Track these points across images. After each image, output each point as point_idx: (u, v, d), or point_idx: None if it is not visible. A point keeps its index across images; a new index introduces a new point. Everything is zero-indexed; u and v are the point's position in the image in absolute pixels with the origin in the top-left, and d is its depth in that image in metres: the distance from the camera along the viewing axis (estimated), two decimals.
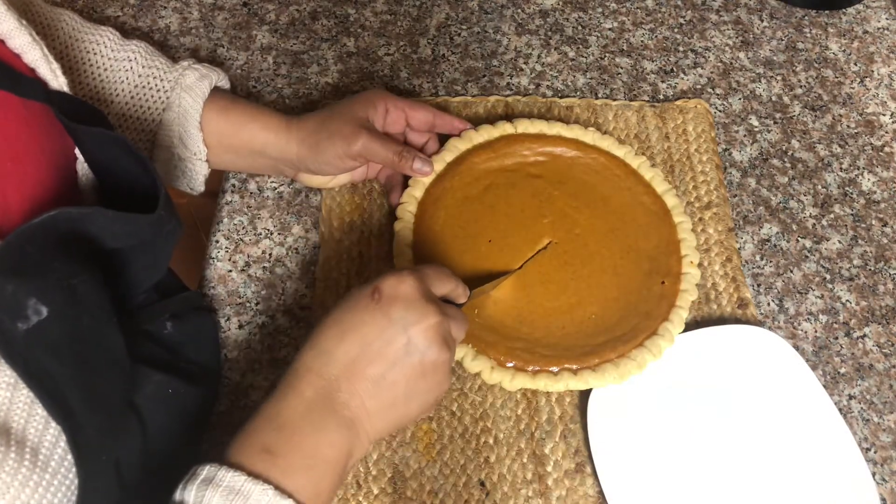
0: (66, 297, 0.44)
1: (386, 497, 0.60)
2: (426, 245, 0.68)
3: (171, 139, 0.67)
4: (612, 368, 0.63)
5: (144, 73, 0.67)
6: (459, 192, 0.71)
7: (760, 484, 0.62)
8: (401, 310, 0.51)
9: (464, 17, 0.87)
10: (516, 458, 0.63)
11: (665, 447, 0.63)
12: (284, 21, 0.85)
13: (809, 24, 0.88)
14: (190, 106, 0.67)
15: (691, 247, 0.69)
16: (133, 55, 0.68)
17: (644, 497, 0.60)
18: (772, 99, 0.83)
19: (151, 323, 0.58)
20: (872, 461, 0.64)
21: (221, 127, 0.68)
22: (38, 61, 0.51)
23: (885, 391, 0.67)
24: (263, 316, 0.68)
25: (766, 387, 0.65)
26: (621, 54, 0.85)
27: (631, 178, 0.72)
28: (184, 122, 0.67)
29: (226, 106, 0.69)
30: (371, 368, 0.50)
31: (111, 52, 0.67)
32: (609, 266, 0.68)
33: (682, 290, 0.67)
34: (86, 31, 0.67)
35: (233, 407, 0.63)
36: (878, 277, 0.73)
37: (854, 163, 0.79)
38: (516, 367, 0.63)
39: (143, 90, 0.67)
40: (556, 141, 0.74)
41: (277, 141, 0.68)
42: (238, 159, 0.71)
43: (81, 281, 0.46)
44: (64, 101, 0.52)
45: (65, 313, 0.44)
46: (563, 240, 0.69)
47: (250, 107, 0.70)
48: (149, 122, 0.67)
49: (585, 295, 0.66)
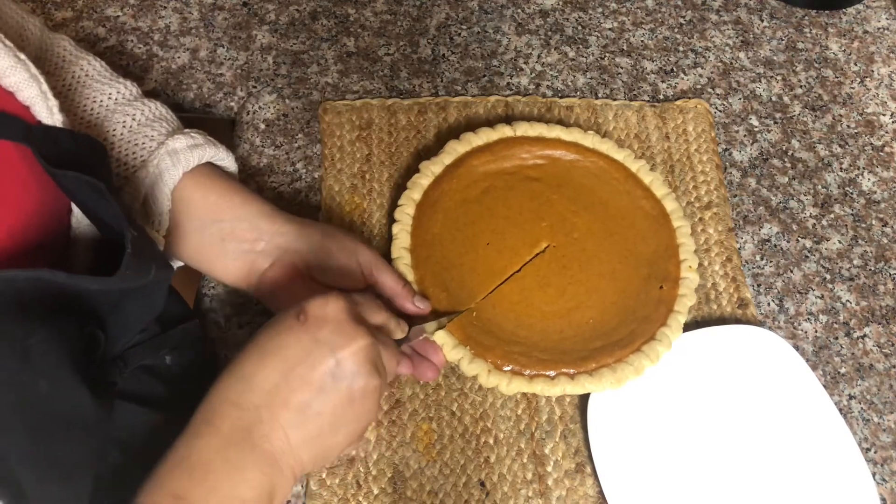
0: (19, 361, 0.41)
1: (386, 497, 0.60)
2: (424, 248, 0.68)
3: (134, 200, 0.59)
4: (610, 373, 0.62)
5: (138, 129, 0.60)
6: (457, 195, 0.70)
7: (760, 484, 0.62)
8: (328, 332, 0.47)
9: (464, 17, 0.87)
10: (516, 458, 0.63)
11: (665, 447, 0.63)
12: (284, 21, 0.85)
13: (809, 24, 0.88)
14: (165, 169, 0.59)
15: (690, 251, 0.68)
16: (135, 111, 0.61)
17: (644, 497, 0.60)
18: (772, 99, 0.83)
19: (150, 358, 0.56)
20: (872, 461, 0.64)
21: (205, 195, 0.60)
22: (34, 98, 0.49)
23: (885, 391, 0.67)
24: (263, 316, 0.68)
25: (766, 387, 0.65)
26: (621, 54, 0.85)
27: (630, 181, 0.72)
28: (153, 184, 0.59)
29: (215, 179, 0.61)
30: (295, 396, 0.46)
31: (115, 104, 0.61)
32: (607, 270, 0.67)
33: (681, 295, 0.66)
34: (100, 79, 0.62)
35: None
36: (878, 277, 0.73)
37: (854, 163, 0.79)
38: (513, 371, 0.62)
39: (127, 145, 0.59)
40: (555, 144, 0.73)
41: (274, 213, 0.62)
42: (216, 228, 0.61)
43: (39, 340, 0.42)
44: (49, 138, 0.48)
45: (17, 380, 0.41)
46: (561, 243, 0.69)
47: (244, 187, 0.63)
48: (119, 178, 0.59)
49: (583, 299, 0.66)
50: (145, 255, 0.48)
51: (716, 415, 0.64)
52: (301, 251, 0.60)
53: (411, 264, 0.67)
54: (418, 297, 0.64)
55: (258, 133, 0.77)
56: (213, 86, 0.80)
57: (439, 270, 0.67)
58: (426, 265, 0.67)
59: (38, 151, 0.47)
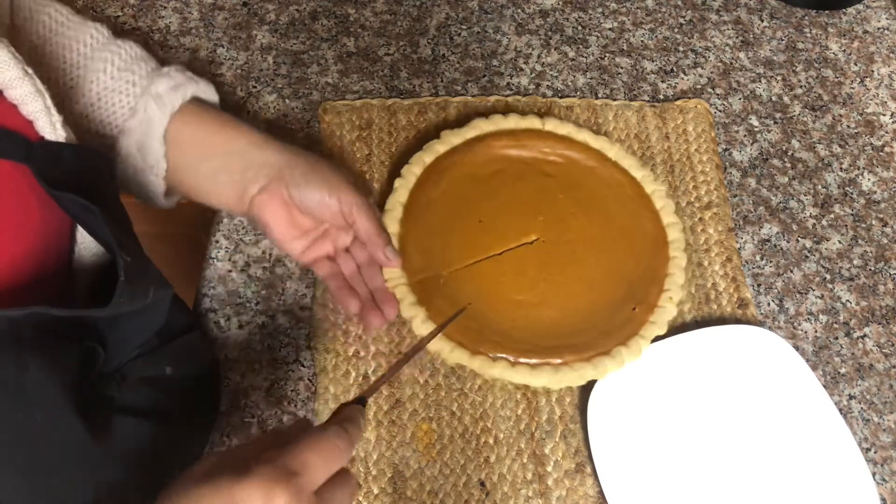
0: (13, 398, 0.41)
1: (386, 497, 0.60)
2: (418, 208, 0.69)
3: (130, 148, 0.61)
4: (551, 372, 0.62)
5: (119, 75, 0.61)
6: (467, 169, 0.72)
7: (760, 484, 0.62)
8: None
9: (464, 17, 0.87)
10: (516, 458, 0.63)
11: (665, 447, 0.63)
12: (284, 21, 0.85)
13: (809, 24, 0.88)
14: (154, 115, 0.60)
15: (677, 284, 0.67)
16: (112, 56, 0.62)
17: (644, 497, 0.60)
18: (772, 99, 0.83)
19: (151, 370, 0.56)
20: (872, 461, 0.64)
21: (195, 133, 0.62)
22: (38, 113, 0.48)
23: (885, 391, 0.67)
24: (263, 316, 0.68)
25: (766, 387, 0.65)
26: (621, 54, 0.85)
27: (641, 201, 0.71)
28: (145, 132, 0.61)
29: (202, 115, 0.63)
30: None
31: (91, 50, 0.62)
32: (586, 278, 0.67)
33: (651, 322, 0.65)
34: (70, 25, 0.62)
35: (233, 407, 0.63)
36: (878, 277, 0.73)
37: (854, 163, 0.79)
38: (460, 343, 0.63)
39: (112, 94, 0.61)
40: (578, 146, 0.73)
41: (263, 143, 0.63)
42: (208, 165, 0.63)
43: (34, 374, 0.42)
44: (50, 156, 0.48)
45: (12, 416, 0.41)
46: (550, 241, 0.69)
47: (232, 117, 0.64)
48: (111, 127, 0.61)
49: (550, 297, 0.66)
50: (142, 279, 0.48)
51: (716, 415, 0.64)
52: (285, 181, 0.62)
53: (400, 219, 0.68)
54: (390, 249, 0.65)
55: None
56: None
57: (425, 233, 0.68)
58: (414, 224, 0.68)
59: (39, 172, 0.47)
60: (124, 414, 0.52)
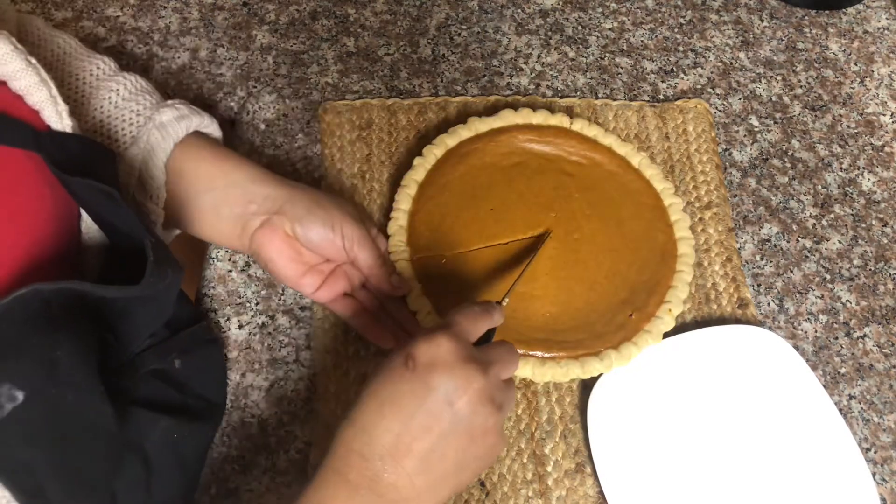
0: (47, 374, 0.42)
1: None
2: (433, 187, 0.70)
3: (128, 178, 0.59)
4: (538, 364, 0.63)
5: (123, 104, 0.61)
6: (488, 157, 0.72)
7: (760, 484, 0.62)
8: (440, 377, 0.47)
9: (464, 17, 0.87)
10: (516, 458, 0.63)
11: (665, 447, 0.63)
12: (284, 21, 0.85)
13: (809, 24, 0.88)
14: (157, 144, 0.60)
15: (679, 298, 0.67)
16: (118, 86, 0.61)
17: (644, 497, 0.60)
18: (772, 99, 0.83)
19: (160, 362, 0.56)
20: (872, 461, 0.64)
21: (197, 164, 0.61)
22: (43, 102, 0.49)
23: (885, 391, 0.67)
24: (263, 316, 0.68)
25: (766, 387, 0.65)
26: (621, 54, 0.85)
27: (657, 211, 0.71)
28: (146, 160, 0.60)
29: (204, 147, 0.62)
30: (417, 444, 0.46)
31: (96, 80, 0.61)
32: (588, 280, 0.67)
33: (645, 331, 0.65)
34: (77, 56, 0.63)
35: (232, 407, 0.63)
36: (878, 277, 0.73)
37: (854, 163, 0.79)
38: None
39: (115, 121, 0.60)
40: (603, 150, 0.73)
41: (265, 177, 0.62)
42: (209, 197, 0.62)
43: (66, 353, 0.43)
44: (58, 144, 0.49)
45: (45, 393, 0.42)
46: (557, 237, 0.69)
47: (233, 152, 0.64)
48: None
49: (550, 293, 0.66)
50: (164, 260, 0.48)
51: (716, 415, 0.64)
52: (287, 216, 0.61)
53: (413, 196, 0.69)
54: (395, 277, 0.65)
55: (258, 133, 0.77)
56: (213, 86, 0.80)
57: (435, 213, 0.69)
58: (426, 203, 0.69)
59: (49, 158, 0.47)
60: (138, 406, 0.52)
